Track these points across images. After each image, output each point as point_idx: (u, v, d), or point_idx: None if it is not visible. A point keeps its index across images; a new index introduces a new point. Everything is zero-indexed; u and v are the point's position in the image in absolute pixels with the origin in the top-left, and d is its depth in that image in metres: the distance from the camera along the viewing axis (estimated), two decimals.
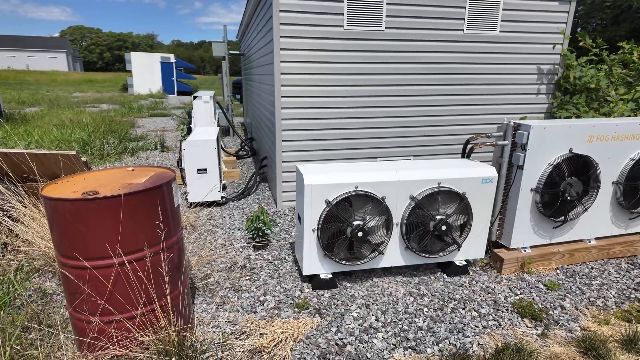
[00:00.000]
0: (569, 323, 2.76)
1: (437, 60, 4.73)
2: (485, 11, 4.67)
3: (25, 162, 3.61)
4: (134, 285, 2.07)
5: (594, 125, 3.37)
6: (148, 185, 2.12)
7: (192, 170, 4.65)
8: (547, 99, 5.25)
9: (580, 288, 3.21)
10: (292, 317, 2.74)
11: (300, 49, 4.33)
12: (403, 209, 3.11)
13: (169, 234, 2.21)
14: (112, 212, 1.95)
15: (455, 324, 2.73)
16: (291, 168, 4.72)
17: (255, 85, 7.53)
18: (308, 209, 2.96)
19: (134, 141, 8.97)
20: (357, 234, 2.93)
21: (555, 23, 4.95)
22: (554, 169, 3.29)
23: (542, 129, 3.23)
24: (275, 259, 3.60)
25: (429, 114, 4.92)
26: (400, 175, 3.05)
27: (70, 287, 2.06)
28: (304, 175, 2.94)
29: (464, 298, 3.03)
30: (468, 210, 3.18)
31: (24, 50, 57.28)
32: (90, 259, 1.99)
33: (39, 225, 3.16)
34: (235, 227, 4.31)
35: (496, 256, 3.49)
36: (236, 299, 2.95)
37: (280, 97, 4.42)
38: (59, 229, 1.97)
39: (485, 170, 3.22)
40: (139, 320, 2.12)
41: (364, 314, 2.80)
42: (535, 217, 3.47)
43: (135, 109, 15.73)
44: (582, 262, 3.65)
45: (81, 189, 2.10)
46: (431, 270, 3.44)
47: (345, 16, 4.32)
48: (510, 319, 2.80)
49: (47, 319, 2.58)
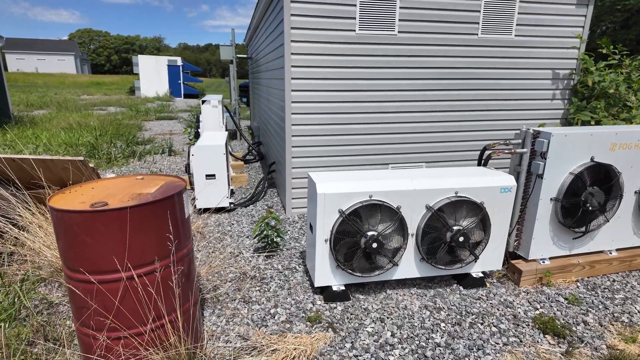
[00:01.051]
0: (594, 340, 2.64)
1: (451, 65, 4.62)
2: (500, 15, 4.56)
3: (31, 168, 3.55)
4: (142, 300, 1.99)
5: (617, 132, 3.25)
6: (158, 195, 2.04)
7: (201, 176, 4.58)
8: (563, 105, 5.12)
9: (602, 302, 3.09)
10: (304, 332, 2.64)
11: (311, 54, 4.25)
12: (419, 219, 3.00)
13: (179, 246, 2.13)
14: (121, 224, 1.87)
15: (475, 340, 2.61)
16: (301, 174, 4.63)
17: (263, 89, 7.46)
18: (320, 218, 2.87)
19: (141, 145, 8.93)
20: (371, 245, 2.83)
21: (571, 27, 4.83)
22: (575, 178, 3.18)
23: (563, 137, 3.12)
24: (286, 269, 3.50)
25: (442, 119, 4.82)
26: (416, 184, 2.95)
27: (76, 301, 1.98)
28: (316, 183, 2.85)
29: (482, 312, 2.92)
30: (486, 221, 3.07)
31: (33, 53, 57.88)
32: (98, 272, 1.90)
33: (45, 233, 3.10)
34: (244, 234, 4.23)
35: (514, 268, 3.37)
36: (246, 311, 2.86)
37: (290, 102, 4.34)
38: (66, 241, 1.90)
39: (504, 179, 3.12)
40: (148, 337, 2.04)
41: (379, 329, 2.69)
42: (554, 227, 3.35)
43: (143, 111, 15.76)
44: (602, 274, 3.52)
45: (89, 199, 2.03)
46: (446, 282, 3.33)
47: (358, 20, 4.23)
48: (531, 335, 2.68)
49: (53, 332, 2.50)
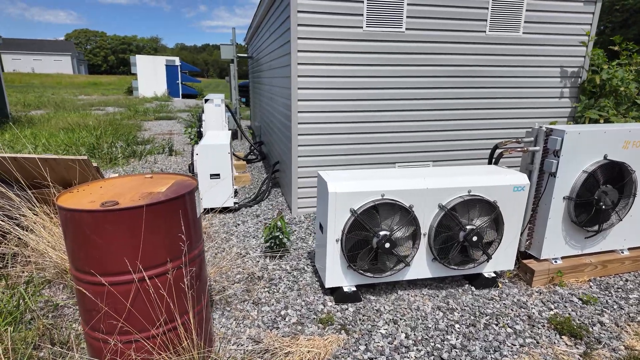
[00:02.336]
0: (612, 341, 2.59)
1: (459, 62, 4.57)
2: (508, 12, 4.51)
3: (34, 167, 3.48)
4: (154, 302, 1.92)
5: (630, 130, 3.21)
6: (170, 194, 1.97)
7: (205, 176, 4.51)
8: (571, 103, 5.08)
9: (617, 302, 3.04)
10: (316, 334, 2.58)
11: (318, 51, 4.19)
12: (431, 219, 2.95)
13: (191, 247, 2.07)
14: (133, 223, 1.81)
15: (491, 341, 2.56)
16: (307, 174, 4.56)
17: (265, 89, 7.39)
18: (332, 218, 2.81)
19: (142, 145, 8.85)
20: (384, 245, 2.78)
21: (579, 24, 4.79)
22: (588, 176, 3.13)
23: (577, 135, 3.07)
24: (294, 269, 3.44)
25: (448, 117, 4.77)
26: (428, 182, 2.90)
27: (86, 304, 1.92)
28: (327, 182, 2.79)
29: (495, 313, 2.87)
30: (499, 220, 3.02)
31: (30, 53, 57.57)
32: (109, 274, 1.84)
33: (50, 234, 3.02)
34: (250, 234, 4.16)
35: (526, 267, 3.32)
36: (256, 313, 2.80)
37: (297, 101, 4.28)
38: (75, 242, 1.83)
39: (517, 178, 3.07)
40: (160, 340, 1.97)
41: (393, 331, 2.64)
42: (567, 226, 3.31)
43: (141, 111, 15.65)
44: (615, 273, 3.48)
45: (98, 198, 1.96)
46: (458, 282, 3.28)
47: (365, 17, 4.18)
48: (547, 336, 2.63)
49: (60, 335, 2.43)
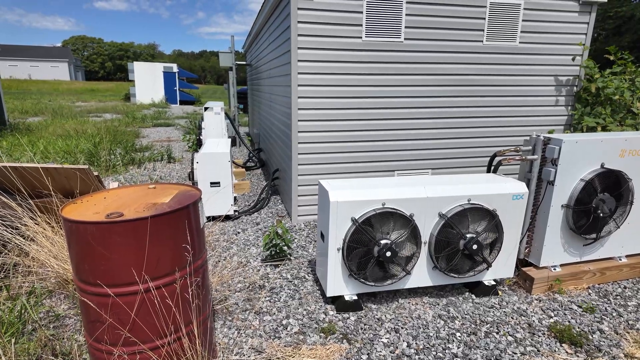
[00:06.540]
0: (611, 349, 2.61)
1: (457, 71, 4.63)
2: (505, 22, 4.58)
3: (35, 176, 3.48)
4: (159, 313, 1.93)
5: (626, 139, 3.25)
6: (174, 205, 1.99)
7: (206, 184, 4.53)
8: (567, 111, 5.14)
9: (616, 310, 3.07)
10: (318, 344, 2.59)
11: (318, 61, 4.23)
12: (431, 227, 2.97)
13: (195, 257, 2.08)
14: (138, 235, 1.82)
15: (492, 350, 2.58)
16: (307, 181, 4.59)
17: (264, 96, 7.43)
18: (333, 226, 2.83)
19: (140, 152, 8.85)
20: (385, 254, 2.79)
21: (574, 34, 4.87)
22: (586, 184, 3.17)
23: (574, 143, 3.11)
24: (295, 278, 3.45)
25: (447, 126, 4.81)
26: (428, 191, 2.93)
27: (90, 315, 1.92)
28: (328, 191, 2.82)
29: (496, 321, 2.89)
30: (499, 228, 3.04)
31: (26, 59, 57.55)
32: (114, 285, 1.85)
33: (51, 243, 3.02)
34: (251, 242, 4.17)
35: (525, 275, 3.34)
36: (258, 323, 2.80)
37: (297, 109, 4.31)
38: (80, 253, 1.84)
39: (516, 186, 3.10)
40: (165, 351, 1.98)
41: (395, 340, 2.65)
42: (565, 234, 3.34)
43: (139, 118, 15.65)
44: (613, 280, 3.51)
45: (103, 209, 1.97)
46: (458, 290, 3.30)
47: (364, 27, 4.23)
48: (548, 344, 2.65)
49: (62, 346, 2.43)
